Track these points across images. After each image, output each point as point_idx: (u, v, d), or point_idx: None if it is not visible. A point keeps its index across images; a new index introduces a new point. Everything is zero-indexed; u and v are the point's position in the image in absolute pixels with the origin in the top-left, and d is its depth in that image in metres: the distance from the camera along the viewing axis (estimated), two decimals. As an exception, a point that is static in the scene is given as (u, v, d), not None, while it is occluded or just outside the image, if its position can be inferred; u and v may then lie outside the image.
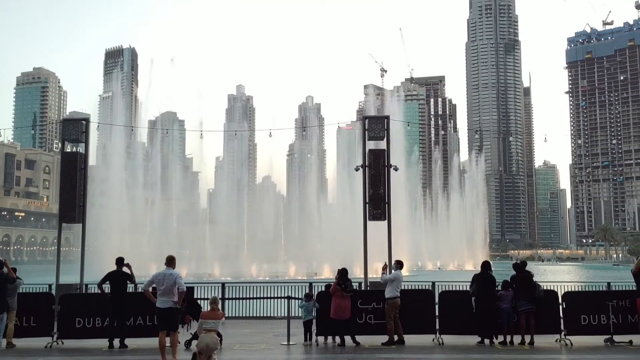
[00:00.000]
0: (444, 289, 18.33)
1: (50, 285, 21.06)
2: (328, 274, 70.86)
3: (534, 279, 15.19)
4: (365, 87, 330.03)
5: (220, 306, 13.41)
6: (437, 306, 15.47)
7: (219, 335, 13.75)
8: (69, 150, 23.19)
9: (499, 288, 15.06)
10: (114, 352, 13.90)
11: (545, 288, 15.64)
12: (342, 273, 14.82)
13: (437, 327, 15.19)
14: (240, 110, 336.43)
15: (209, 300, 11.70)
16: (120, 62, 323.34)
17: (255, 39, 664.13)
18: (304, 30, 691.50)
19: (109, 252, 63.26)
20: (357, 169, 21.61)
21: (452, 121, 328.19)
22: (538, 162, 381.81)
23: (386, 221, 20.26)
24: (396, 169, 21.30)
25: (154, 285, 12.63)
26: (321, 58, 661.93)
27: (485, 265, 15.11)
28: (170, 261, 12.79)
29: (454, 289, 19.34)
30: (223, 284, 21.24)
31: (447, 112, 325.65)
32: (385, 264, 16.48)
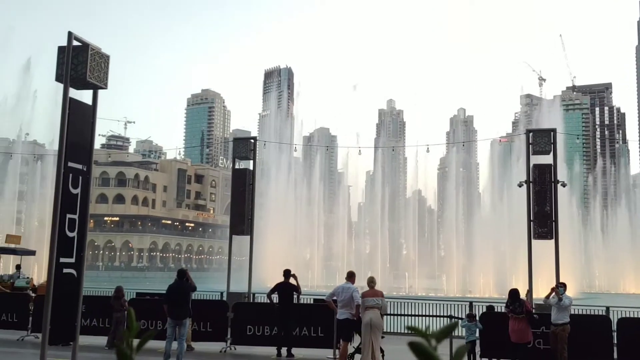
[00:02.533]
0: (621, 315, 16.88)
1: (221, 293, 22.63)
2: (482, 292, 68.36)
3: None
4: (522, 97, 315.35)
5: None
6: (614, 334, 14.31)
7: (382, 350, 13.90)
8: (238, 167, 24.85)
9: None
10: (281, 360, 14.58)
11: None
12: (512, 294, 14.25)
13: (615, 356, 14.03)
14: (391, 125, 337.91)
15: (367, 279, 12.20)
16: (277, 82, 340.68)
17: (407, 53, 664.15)
18: (456, 42, 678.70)
19: (267, 263, 66.41)
20: (520, 185, 20.68)
21: (620, 131, 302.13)
22: None
23: (553, 240, 19.18)
24: (564, 185, 20.13)
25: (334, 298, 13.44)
26: (473, 69, 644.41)
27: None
28: (351, 276, 13.62)
29: (633, 315, 17.73)
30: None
31: (615, 121, 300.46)
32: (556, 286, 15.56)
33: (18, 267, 26.60)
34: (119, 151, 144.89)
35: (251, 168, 23.61)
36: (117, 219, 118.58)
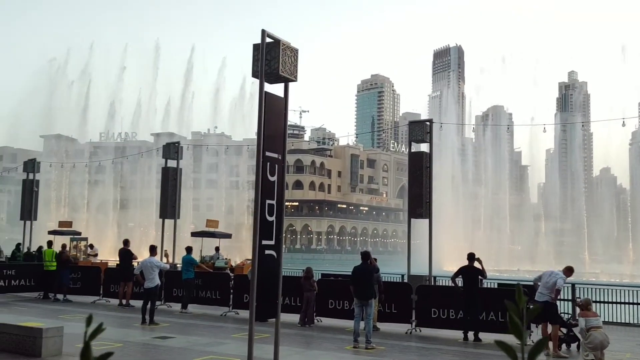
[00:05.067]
0: None
1: (402, 276, 22.88)
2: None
3: None
4: None
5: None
6: None
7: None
8: (413, 150, 24.76)
9: None
10: (468, 345, 14.38)
11: None
12: None
13: None
14: (574, 98, 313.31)
15: (582, 301, 11.73)
16: (447, 61, 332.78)
17: (587, 20, 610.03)
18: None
19: (441, 246, 65.50)
20: None
21: None
22: None
23: None
24: None
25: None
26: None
27: None
28: (569, 270, 13.54)
29: None
30: (573, 285, 20.05)
31: None
32: None
33: (217, 249, 29.30)
34: (297, 139, 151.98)
35: (425, 150, 23.41)
36: (297, 204, 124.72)
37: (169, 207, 26.78)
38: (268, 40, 9.51)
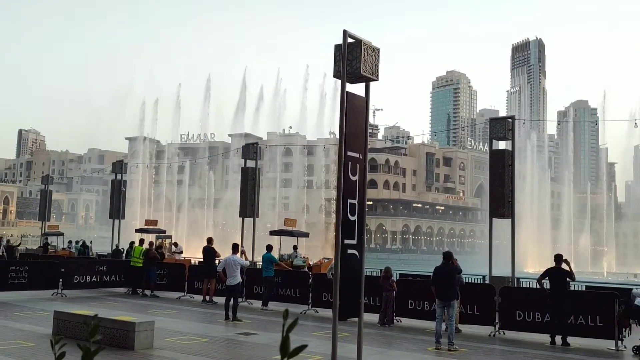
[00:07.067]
0: None
1: (483, 277, 22.36)
2: None
3: None
4: None
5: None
6: None
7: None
8: (490, 148, 24.15)
9: None
10: (556, 349, 13.87)
11: None
12: None
13: None
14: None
15: None
16: (526, 56, 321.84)
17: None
18: None
19: (521, 247, 63.50)
20: None
21: None
22: None
23: None
24: None
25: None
26: None
27: None
28: None
29: None
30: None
31: None
32: None
33: (295, 247, 29.68)
34: (371, 138, 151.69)
35: (506, 148, 22.82)
36: (371, 203, 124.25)
37: (249, 206, 27.36)
38: (349, 40, 9.52)
